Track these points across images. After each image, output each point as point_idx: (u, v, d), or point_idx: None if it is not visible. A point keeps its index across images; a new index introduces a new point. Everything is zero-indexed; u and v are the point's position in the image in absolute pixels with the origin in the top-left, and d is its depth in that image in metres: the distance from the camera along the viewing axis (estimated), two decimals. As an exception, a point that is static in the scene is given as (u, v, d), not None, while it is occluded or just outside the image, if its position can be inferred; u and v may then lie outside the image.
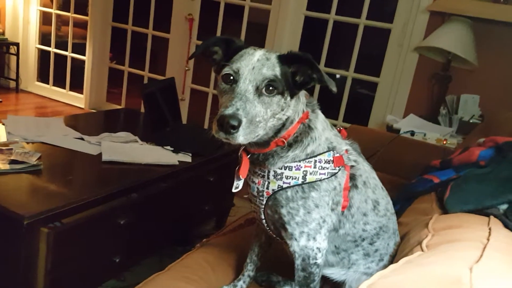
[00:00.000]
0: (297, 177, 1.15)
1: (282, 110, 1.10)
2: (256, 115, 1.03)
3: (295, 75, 1.11)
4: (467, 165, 1.61)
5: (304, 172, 1.15)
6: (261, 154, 1.16)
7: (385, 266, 1.31)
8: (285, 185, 1.16)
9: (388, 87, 3.69)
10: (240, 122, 0.99)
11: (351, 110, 3.99)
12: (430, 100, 3.49)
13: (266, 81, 1.05)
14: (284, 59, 1.10)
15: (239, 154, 1.20)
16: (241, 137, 1.01)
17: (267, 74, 1.06)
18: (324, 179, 1.16)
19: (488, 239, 0.94)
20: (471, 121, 3.17)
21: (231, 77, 1.07)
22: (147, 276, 1.43)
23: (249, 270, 1.43)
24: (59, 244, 1.64)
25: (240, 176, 1.18)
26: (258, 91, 1.05)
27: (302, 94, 1.18)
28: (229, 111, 1.00)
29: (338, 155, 1.19)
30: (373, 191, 1.28)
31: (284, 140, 1.14)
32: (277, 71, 1.07)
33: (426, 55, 3.42)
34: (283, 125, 1.13)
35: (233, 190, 1.22)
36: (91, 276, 1.90)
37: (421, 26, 3.46)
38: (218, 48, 1.17)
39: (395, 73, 3.63)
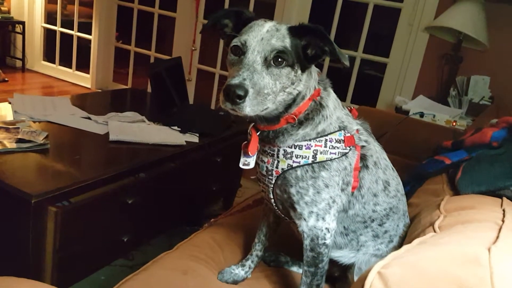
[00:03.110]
0: (307, 156, 1.13)
1: (293, 84, 1.07)
2: (264, 86, 1.01)
3: (306, 48, 1.08)
4: (479, 146, 1.58)
5: (315, 151, 1.13)
6: (271, 132, 1.15)
7: (395, 248, 1.30)
8: (295, 164, 1.14)
9: (398, 67, 3.64)
10: (246, 92, 0.98)
11: (359, 91, 3.96)
12: (440, 81, 3.45)
13: (275, 52, 1.03)
14: (295, 31, 1.07)
15: (248, 130, 1.18)
16: (248, 108, 0.99)
17: (276, 45, 1.03)
18: (334, 158, 1.15)
19: (503, 220, 0.92)
20: (481, 102, 3.13)
21: (240, 49, 1.05)
22: (156, 255, 1.43)
23: (257, 250, 1.43)
24: (67, 223, 1.64)
25: (249, 153, 1.17)
26: (266, 62, 1.03)
27: (314, 70, 1.15)
28: (235, 80, 0.98)
29: (349, 134, 1.17)
30: (383, 172, 1.26)
31: (295, 117, 1.12)
32: (287, 42, 1.05)
33: (437, 35, 3.37)
34: (294, 101, 1.11)
35: (241, 166, 1.20)
36: (99, 255, 1.91)
37: (432, 6, 3.41)
38: (229, 20, 1.15)
39: (404, 53, 3.58)
